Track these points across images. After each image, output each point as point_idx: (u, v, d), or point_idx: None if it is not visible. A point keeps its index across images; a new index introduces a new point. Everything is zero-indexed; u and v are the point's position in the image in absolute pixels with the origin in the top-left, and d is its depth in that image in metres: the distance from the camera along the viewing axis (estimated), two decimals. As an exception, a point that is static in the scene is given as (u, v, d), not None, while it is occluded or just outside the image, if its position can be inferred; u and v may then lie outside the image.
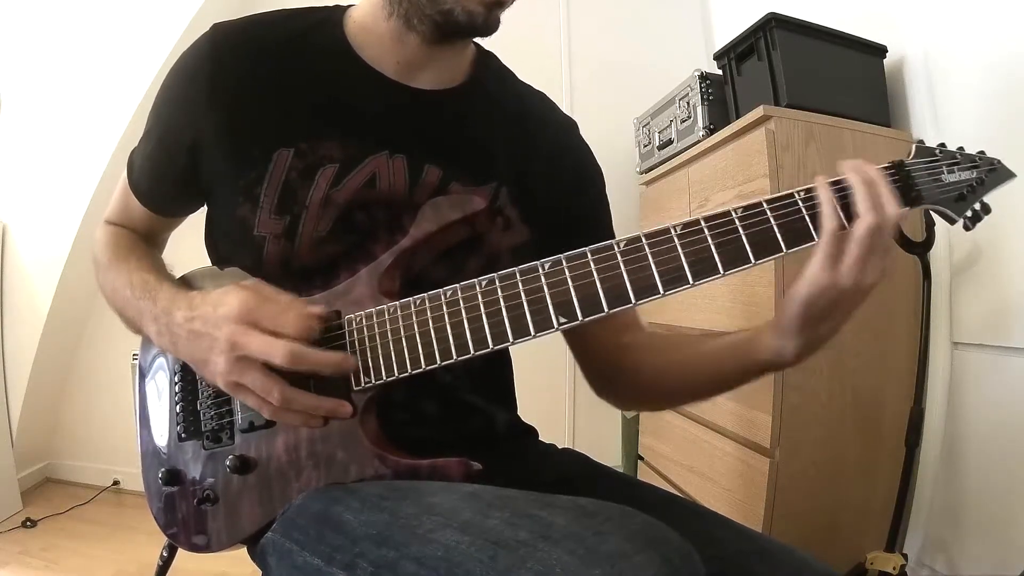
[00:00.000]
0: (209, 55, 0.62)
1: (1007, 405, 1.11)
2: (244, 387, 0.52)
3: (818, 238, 0.49)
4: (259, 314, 0.52)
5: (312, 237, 0.60)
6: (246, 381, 0.52)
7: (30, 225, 2.02)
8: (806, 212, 0.50)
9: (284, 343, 0.50)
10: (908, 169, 0.52)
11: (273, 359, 0.50)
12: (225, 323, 0.52)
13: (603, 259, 0.50)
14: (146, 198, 0.70)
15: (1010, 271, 1.11)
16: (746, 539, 0.56)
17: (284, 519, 0.56)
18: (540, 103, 0.75)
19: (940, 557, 1.23)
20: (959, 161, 0.53)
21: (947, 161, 0.53)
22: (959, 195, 0.52)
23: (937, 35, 1.26)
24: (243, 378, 0.52)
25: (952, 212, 0.53)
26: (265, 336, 0.51)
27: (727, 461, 1.33)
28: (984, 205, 0.53)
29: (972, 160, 0.53)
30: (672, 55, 2.19)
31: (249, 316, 0.51)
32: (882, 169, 0.52)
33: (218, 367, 0.52)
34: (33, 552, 1.66)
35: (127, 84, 1.90)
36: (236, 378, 0.52)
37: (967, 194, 0.52)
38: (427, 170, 0.63)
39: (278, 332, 0.51)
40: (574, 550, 0.37)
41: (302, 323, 0.52)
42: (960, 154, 0.53)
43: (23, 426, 2.00)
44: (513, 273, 0.52)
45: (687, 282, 0.49)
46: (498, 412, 0.73)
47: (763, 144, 1.19)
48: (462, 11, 0.57)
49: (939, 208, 0.53)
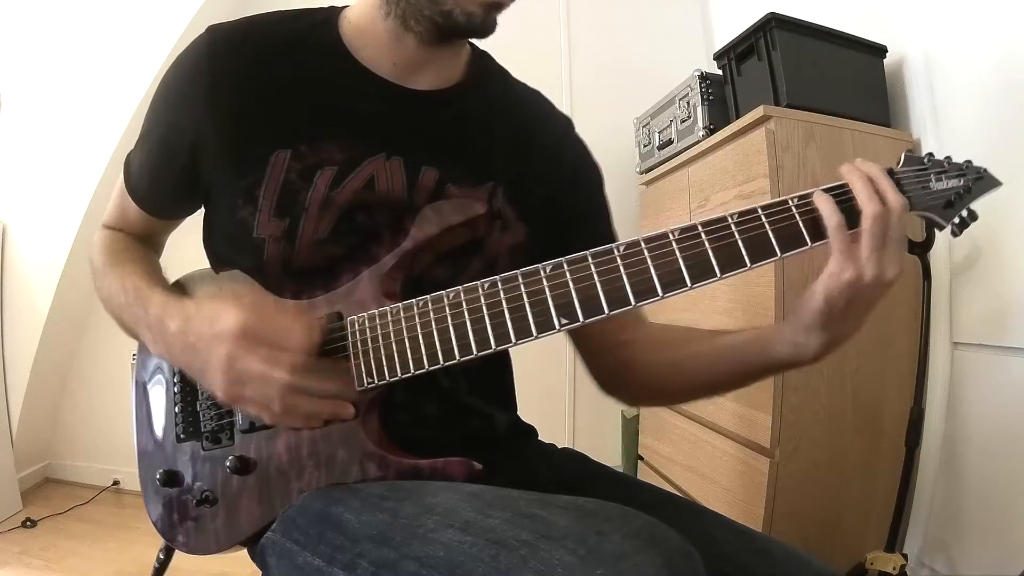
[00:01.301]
0: (207, 56, 0.62)
1: (1007, 405, 1.11)
2: (244, 398, 0.53)
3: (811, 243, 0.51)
4: (264, 331, 0.52)
5: (312, 239, 0.60)
6: (246, 394, 0.52)
7: (30, 225, 2.02)
8: (800, 217, 0.51)
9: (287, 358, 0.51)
10: (897, 177, 0.53)
11: (274, 375, 0.51)
12: (223, 342, 0.52)
13: (603, 262, 0.51)
14: (143, 200, 0.70)
15: (1010, 271, 1.11)
16: (746, 539, 0.56)
17: (284, 519, 0.56)
18: (536, 102, 0.76)
19: (940, 557, 1.23)
20: (947, 169, 0.55)
21: (935, 169, 0.55)
22: (947, 202, 0.54)
23: (937, 35, 1.26)
24: (243, 392, 0.52)
25: (940, 219, 0.55)
26: (265, 351, 0.51)
27: (727, 461, 1.33)
28: (971, 212, 0.55)
29: (959, 169, 0.55)
30: (672, 55, 2.19)
31: (248, 335, 0.51)
32: None
33: (216, 382, 0.53)
34: (33, 552, 1.66)
35: (127, 84, 1.90)
36: (236, 392, 0.53)
37: (954, 201, 0.54)
38: (424, 171, 0.63)
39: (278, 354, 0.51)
40: (575, 550, 0.38)
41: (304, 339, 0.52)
42: (948, 163, 0.55)
43: (23, 426, 2.00)
44: (515, 275, 0.52)
45: (684, 285, 0.50)
46: (498, 413, 0.73)
47: (763, 144, 1.19)
48: (461, 12, 0.58)
49: (927, 215, 0.55)
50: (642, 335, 0.72)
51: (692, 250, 0.50)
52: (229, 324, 0.51)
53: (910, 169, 0.54)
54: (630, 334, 0.72)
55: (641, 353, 0.71)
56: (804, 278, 1.17)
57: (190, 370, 0.56)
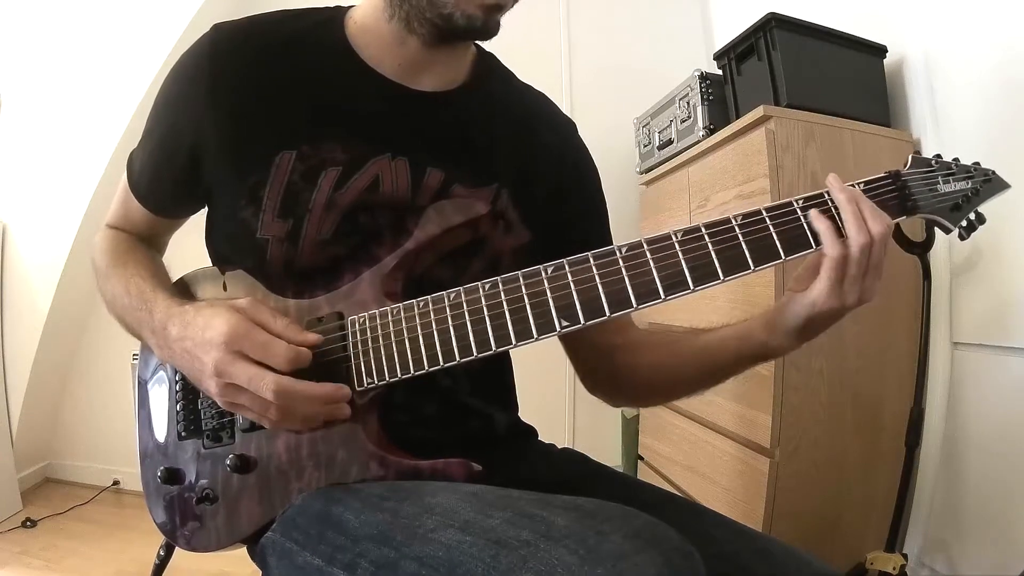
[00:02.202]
0: (210, 55, 0.61)
1: (1007, 405, 1.11)
2: (240, 406, 0.54)
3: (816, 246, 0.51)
4: (246, 343, 0.52)
5: (315, 240, 0.60)
6: (241, 402, 0.53)
7: (30, 225, 2.02)
8: (805, 220, 0.51)
9: (272, 378, 0.51)
10: (905, 179, 0.53)
11: (261, 393, 0.51)
12: (213, 349, 0.52)
13: (605, 264, 0.50)
14: (146, 199, 0.70)
15: (1010, 271, 1.11)
16: (746, 539, 0.56)
17: (284, 519, 0.56)
18: (541, 104, 0.76)
19: (940, 557, 1.23)
20: (955, 172, 0.54)
21: (943, 172, 0.54)
22: (954, 205, 0.54)
23: (937, 35, 1.26)
24: (237, 399, 0.53)
25: (947, 222, 0.54)
26: (252, 367, 0.51)
27: (727, 461, 1.33)
28: (979, 215, 0.54)
29: (967, 171, 0.54)
30: (672, 55, 2.19)
31: (236, 345, 0.52)
32: (878, 179, 0.53)
33: (210, 389, 0.54)
34: (33, 552, 1.66)
35: (127, 84, 1.90)
36: (230, 399, 0.53)
37: (962, 204, 0.54)
38: (429, 172, 0.63)
39: (265, 364, 0.51)
40: (575, 550, 0.38)
41: (290, 355, 0.52)
42: (956, 165, 0.55)
43: (23, 426, 2.00)
44: (516, 276, 0.52)
45: (687, 287, 0.49)
46: (498, 413, 0.73)
47: (763, 144, 1.19)
48: (461, 15, 0.57)
49: (934, 218, 0.54)
50: (633, 338, 0.73)
51: (695, 252, 0.50)
52: (219, 332, 0.52)
53: (918, 171, 0.53)
54: (622, 338, 0.72)
55: (625, 356, 0.71)
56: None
57: (189, 375, 0.57)
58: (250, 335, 0.52)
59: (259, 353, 0.51)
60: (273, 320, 0.54)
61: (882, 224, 0.51)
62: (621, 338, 0.72)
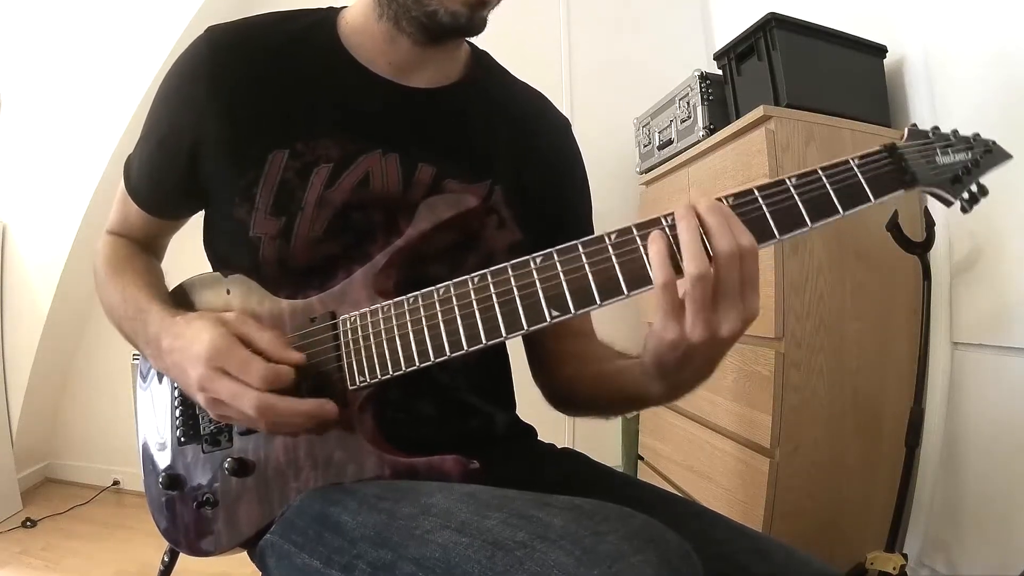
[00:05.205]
0: (207, 56, 0.62)
1: (1007, 405, 1.11)
2: (229, 417, 0.54)
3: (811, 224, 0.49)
4: (226, 360, 0.52)
5: (308, 237, 0.60)
6: (229, 414, 0.53)
7: (30, 225, 2.02)
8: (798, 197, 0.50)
9: (252, 395, 0.50)
10: (901, 152, 0.50)
11: (244, 410, 0.51)
12: (198, 364, 0.52)
13: (594, 252, 0.49)
14: (145, 201, 0.70)
15: (1010, 271, 1.11)
16: (746, 539, 0.56)
17: (283, 520, 0.56)
18: (537, 102, 0.76)
19: (940, 557, 1.23)
20: (953, 143, 0.52)
21: (941, 143, 0.52)
22: (954, 177, 0.51)
23: (937, 35, 1.26)
24: (224, 412, 0.53)
25: (948, 194, 0.51)
26: (233, 384, 0.51)
27: (727, 461, 1.33)
28: (981, 187, 0.52)
29: (967, 141, 0.52)
30: (672, 55, 2.19)
31: (216, 361, 0.52)
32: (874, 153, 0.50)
33: (199, 402, 0.54)
34: (33, 552, 1.66)
35: (127, 84, 1.90)
36: (219, 412, 0.54)
37: (962, 175, 0.51)
38: (420, 168, 0.63)
39: (246, 382, 0.51)
40: (571, 551, 0.37)
41: (268, 375, 0.51)
42: (954, 136, 0.53)
43: (23, 426, 2.00)
44: (505, 268, 0.51)
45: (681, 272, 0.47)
46: (498, 412, 0.72)
47: (763, 144, 1.19)
48: (445, 12, 0.58)
49: (934, 190, 0.52)
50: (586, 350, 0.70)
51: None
52: (203, 348, 0.52)
53: (915, 143, 0.51)
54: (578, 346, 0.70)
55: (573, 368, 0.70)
56: (804, 278, 1.17)
57: (181, 386, 0.58)
58: (231, 352, 0.52)
59: (238, 371, 0.51)
60: (259, 335, 0.54)
61: (730, 251, 0.45)
62: (577, 346, 0.70)
